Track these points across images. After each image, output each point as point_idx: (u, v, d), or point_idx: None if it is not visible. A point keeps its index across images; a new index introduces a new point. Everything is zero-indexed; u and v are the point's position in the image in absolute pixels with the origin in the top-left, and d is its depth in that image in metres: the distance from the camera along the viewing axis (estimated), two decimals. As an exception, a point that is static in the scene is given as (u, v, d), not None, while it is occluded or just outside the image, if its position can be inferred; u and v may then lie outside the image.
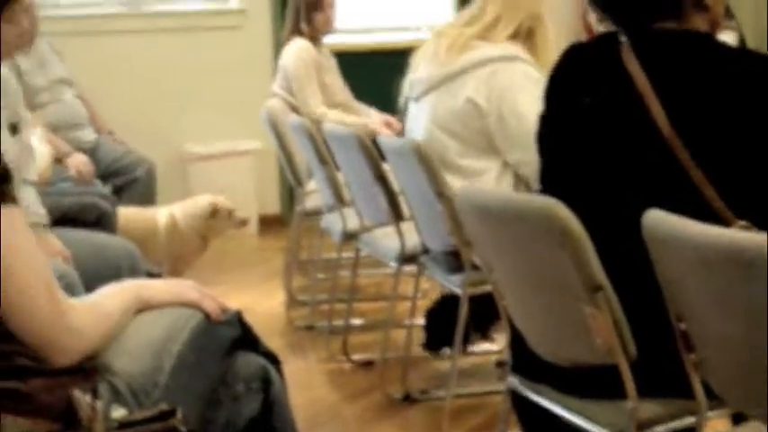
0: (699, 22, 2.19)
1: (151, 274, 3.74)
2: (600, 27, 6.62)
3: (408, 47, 3.76)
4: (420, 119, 3.55)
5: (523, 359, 2.34)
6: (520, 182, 3.42)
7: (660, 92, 2.09)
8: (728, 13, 5.03)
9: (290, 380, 2.16)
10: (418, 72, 3.58)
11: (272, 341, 2.15)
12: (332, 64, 5.67)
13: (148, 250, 4.32)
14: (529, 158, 3.30)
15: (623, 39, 2.19)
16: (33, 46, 4.93)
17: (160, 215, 4.67)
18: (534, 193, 2.42)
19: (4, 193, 1.68)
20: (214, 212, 4.67)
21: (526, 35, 3.48)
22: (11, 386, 1.68)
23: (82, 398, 1.69)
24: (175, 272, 4.66)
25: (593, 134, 2.19)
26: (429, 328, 3.91)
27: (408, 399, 3.72)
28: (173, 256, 4.66)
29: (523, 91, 3.34)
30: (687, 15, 2.19)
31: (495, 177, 3.42)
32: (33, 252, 1.72)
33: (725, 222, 1.99)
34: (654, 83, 2.10)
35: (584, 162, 2.21)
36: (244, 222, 4.83)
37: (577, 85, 2.25)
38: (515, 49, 3.43)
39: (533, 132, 3.26)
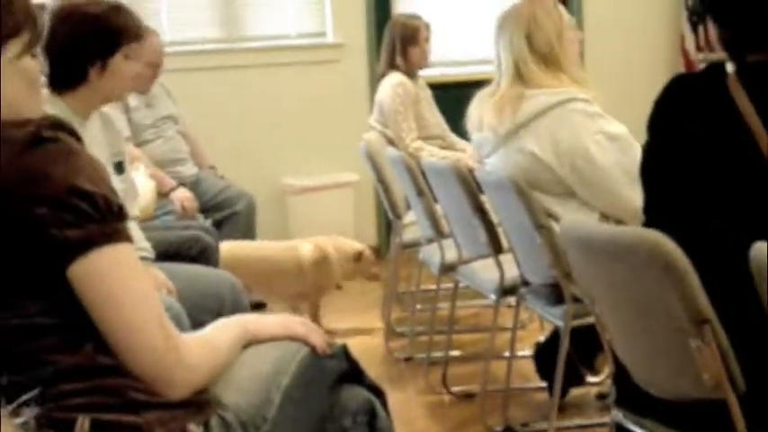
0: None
1: (254, 307, 3.80)
2: (698, 56, 6.57)
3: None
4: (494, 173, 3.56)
5: (628, 392, 2.32)
6: (608, 220, 3.39)
7: (768, 123, 2.07)
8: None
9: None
10: (482, 133, 3.58)
11: (371, 373, 2.16)
12: (428, 96, 5.70)
13: (288, 282, 4.53)
14: (615, 200, 3.29)
15: (730, 69, 2.16)
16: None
17: (303, 248, 4.88)
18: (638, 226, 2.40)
19: (119, 232, 1.73)
20: (358, 257, 5.01)
21: (545, 57, 3.43)
22: (126, 420, 1.72)
23: (196, 431, 1.73)
24: (315, 303, 5.01)
25: (699, 165, 2.17)
26: (539, 363, 3.87)
27: (509, 431, 3.71)
28: (316, 286, 4.96)
29: (586, 132, 3.31)
30: None
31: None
32: (149, 290, 1.77)
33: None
34: (762, 114, 2.08)
35: (690, 193, 2.19)
36: (375, 276, 5.18)
37: (683, 115, 2.22)
38: (567, 90, 3.39)
39: (611, 171, 3.26)
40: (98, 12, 3.06)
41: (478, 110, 3.59)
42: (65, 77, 3.05)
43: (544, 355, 3.81)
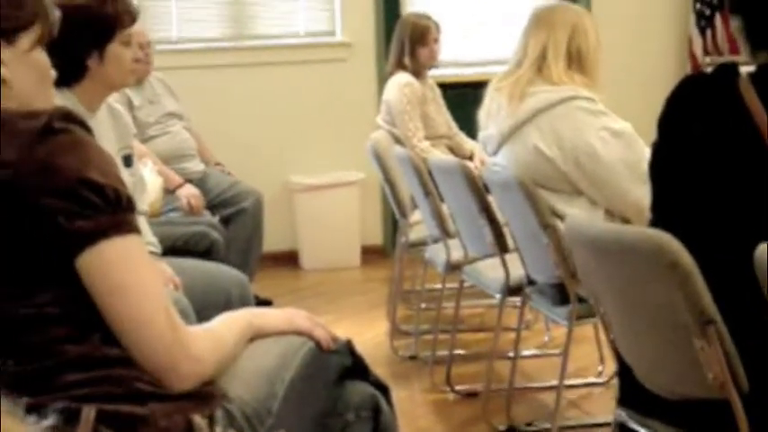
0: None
1: (261, 302, 3.81)
2: (706, 58, 6.57)
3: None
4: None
5: (632, 392, 2.33)
6: (613, 218, 3.39)
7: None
8: None
9: (394, 409, 2.18)
10: (488, 129, 3.59)
11: (376, 371, 2.17)
12: (436, 96, 5.70)
13: None
14: (619, 196, 3.29)
15: (742, 71, 2.16)
16: (145, 81, 5.13)
17: None
18: (643, 223, 2.40)
19: (128, 223, 1.74)
20: None
21: (577, 58, 3.45)
22: (132, 410, 1.73)
23: (202, 423, 1.74)
24: None
25: (708, 165, 2.17)
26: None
27: (513, 430, 3.71)
28: None
29: (590, 129, 3.32)
30: None
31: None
32: (156, 281, 1.78)
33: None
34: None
35: (697, 193, 2.19)
36: None
37: (693, 115, 2.22)
38: (570, 88, 3.39)
39: (615, 167, 3.26)
40: (88, 2, 2.98)
41: (488, 104, 3.59)
42: (65, 72, 3.03)
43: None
